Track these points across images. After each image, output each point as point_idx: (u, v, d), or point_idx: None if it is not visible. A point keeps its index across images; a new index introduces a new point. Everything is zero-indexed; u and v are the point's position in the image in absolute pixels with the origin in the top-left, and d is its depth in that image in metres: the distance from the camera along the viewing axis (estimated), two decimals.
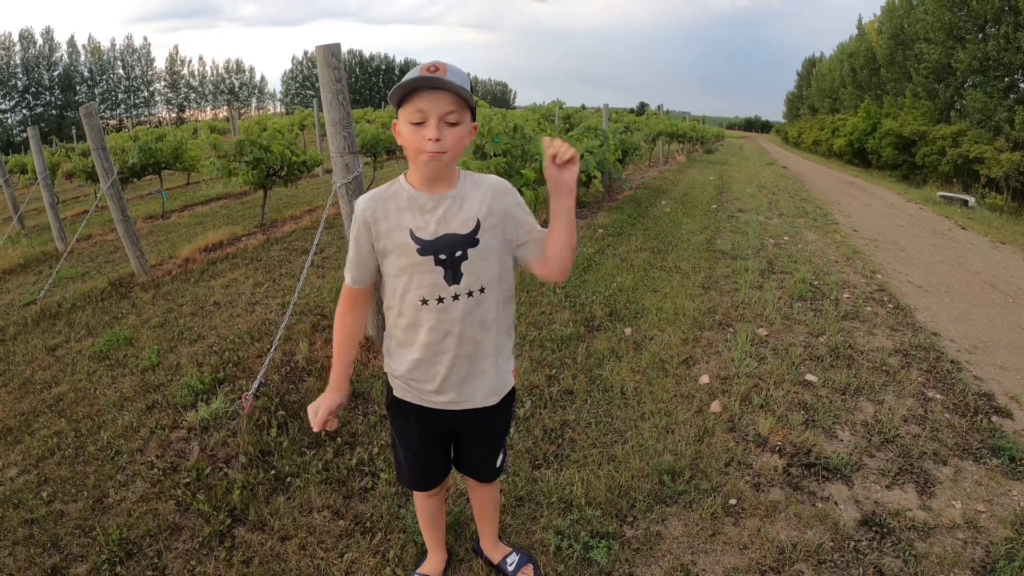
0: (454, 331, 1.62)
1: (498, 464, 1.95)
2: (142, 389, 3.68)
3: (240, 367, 3.85)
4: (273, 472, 2.75)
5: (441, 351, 1.63)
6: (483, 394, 1.72)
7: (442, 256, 1.57)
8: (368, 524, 2.43)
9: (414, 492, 2.03)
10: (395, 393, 1.79)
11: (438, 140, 1.46)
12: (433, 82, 1.42)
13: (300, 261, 6.49)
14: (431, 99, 1.44)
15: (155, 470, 2.82)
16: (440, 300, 1.59)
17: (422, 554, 2.23)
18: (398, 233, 1.58)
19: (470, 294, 1.60)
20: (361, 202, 1.62)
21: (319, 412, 1.71)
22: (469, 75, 1.54)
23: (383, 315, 1.72)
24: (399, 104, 1.49)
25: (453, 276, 1.58)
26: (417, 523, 2.35)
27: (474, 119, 1.56)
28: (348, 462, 2.80)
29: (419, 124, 1.47)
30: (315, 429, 1.71)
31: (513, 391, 1.86)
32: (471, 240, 1.58)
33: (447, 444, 1.91)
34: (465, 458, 1.95)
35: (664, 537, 2.37)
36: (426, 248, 1.56)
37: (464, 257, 1.58)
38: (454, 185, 1.60)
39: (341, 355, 1.77)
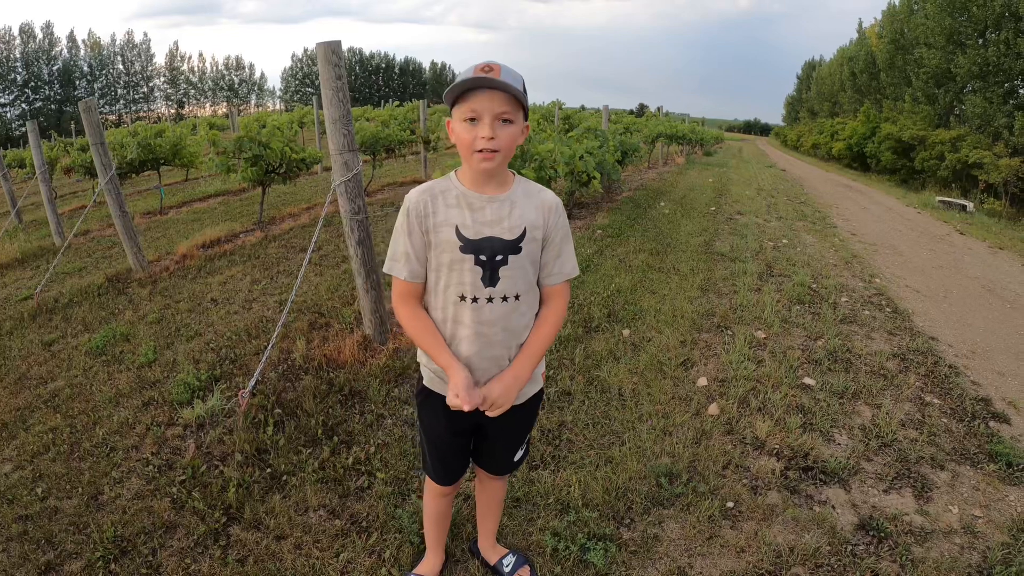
0: (484, 332, 1.62)
1: (516, 458, 1.96)
2: (138, 386, 3.66)
3: (237, 364, 3.83)
4: (269, 470, 2.74)
5: (472, 349, 1.63)
6: None
7: (483, 257, 1.58)
8: (364, 524, 2.42)
9: (426, 490, 2.03)
10: (425, 382, 1.80)
11: (492, 138, 1.48)
12: (487, 82, 1.45)
13: (298, 259, 6.47)
14: (485, 98, 1.47)
15: (150, 467, 2.81)
16: (475, 300, 1.61)
17: (418, 554, 2.22)
18: (445, 228, 1.59)
19: (504, 299, 1.62)
20: (413, 195, 1.63)
21: (462, 393, 1.54)
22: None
23: (381, 313, 1.71)
24: (453, 103, 1.52)
25: (491, 279, 1.59)
26: (414, 523, 2.35)
27: (526, 119, 1.58)
28: (344, 461, 2.79)
29: (473, 122, 1.49)
30: (468, 408, 1.54)
31: (541, 391, 1.88)
32: (514, 247, 1.60)
33: (470, 439, 1.92)
34: (486, 451, 1.95)
35: (661, 539, 2.36)
36: (468, 247, 1.58)
37: (504, 262, 1.59)
38: (506, 189, 1.63)
39: (434, 337, 1.64)
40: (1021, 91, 24.52)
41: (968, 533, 2.46)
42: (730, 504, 2.57)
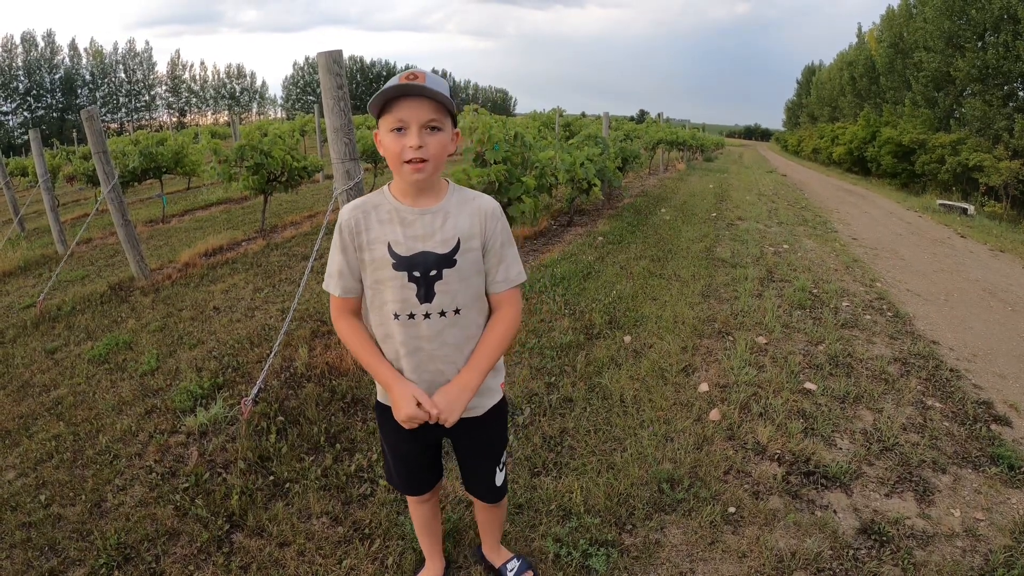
0: (424, 347, 1.60)
1: (498, 484, 1.92)
2: (141, 393, 3.68)
3: (239, 372, 3.85)
4: (272, 478, 2.75)
5: (413, 365, 1.62)
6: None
7: (416, 273, 1.55)
8: (367, 531, 2.43)
9: (407, 497, 2.03)
10: (379, 398, 1.78)
11: (420, 147, 1.45)
12: (412, 89, 1.42)
13: (300, 267, 6.49)
14: (411, 107, 1.44)
15: (153, 475, 2.82)
16: (411, 316, 1.58)
17: (420, 561, 2.22)
18: (377, 245, 1.57)
19: (443, 314, 1.58)
20: (345, 212, 1.61)
21: (410, 410, 1.55)
22: (453, 81, 1.55)
23: None
24: (379, 115, 1.49)
25: (426, 294, 1.56)
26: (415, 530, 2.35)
27: (455, 125, 1.55)
28: (347, 468, 2.80)
29: (400, 132, 1.46)
30: (412, 425, 1.58)
31: (503, 404, 1.83)
32: (448, 260, 1.56)
33: (436, 452, 1.90)
34: (466, 475, 1.94)
35: (663, 545, 2.37)
36: (401, 263, 1.55)
37: (439, 277, 1.56)
38: (439, 199, 1.59)
39: (371, 353, 1.64)
40: (1021, 93, 24.56)
41: (970, 536, 2.46)
42: (732, 509, 2.57)
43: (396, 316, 1.58)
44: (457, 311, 1.59)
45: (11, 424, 3.44)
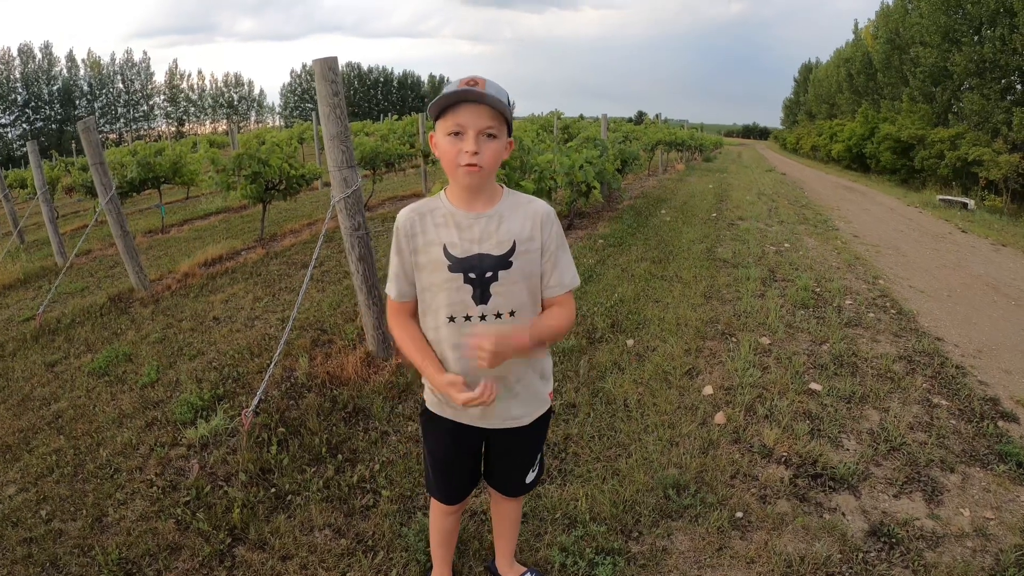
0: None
1: (528, 480, 1.92)
2: (141, 406, 3.65)
3: (240, 383, 3.82)
4: (273, 490, 2.72)
5: (468, 370, 1.60)
6: (515, 414, 1.71)
7: (472, 275, 1.56)
8: (370, 542, 2.40)
9: (432, 508, 2.01)
10: (428, 405, 1.78)
11: (476, 153, 1.46)
12: (473, 96, 1.43)
13: (300, 275, 6.47)
14: (470, 113, 1.45)
15: (154, 488, 2.80)
16: (467, 318, 1.58)
17: (424, 572, 2.20)
18: (433, 248, 1.58)
19: (498, 315, 1.58)
20: (402, 215, 1.62)
21: (465, 394, 1.54)
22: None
23: (383, 329, 1.69)
24: (437, 117, 1.50)
25: (481, 296, 1.57)
26: (420, 541, 2.33)
27: (510, 134, 1.56)
28: (349, 479, 2.77)
29: (457, 136, 1.47)
30: (488, 398, 1.53)
31: (549, 413, 1.83)
32: (504, 262, 1.57)
33: (477, 459, 1.89)
34: (496, 472, 1.92)
35: (670, 552, 2.34)
36: (457, 265, 1.56)
37: (495, 278, 1.56)
38: (494, 203, 1.60)
39: (419, 349, 1.64)
40: (1019, 87, 24.54)
41: (980, 536, 2.43)
42: (739, 514, 2.54)
43: (451, 319, 1.59)
44: (512, 313, 1.60)
45: (11, 438, 3.42)
